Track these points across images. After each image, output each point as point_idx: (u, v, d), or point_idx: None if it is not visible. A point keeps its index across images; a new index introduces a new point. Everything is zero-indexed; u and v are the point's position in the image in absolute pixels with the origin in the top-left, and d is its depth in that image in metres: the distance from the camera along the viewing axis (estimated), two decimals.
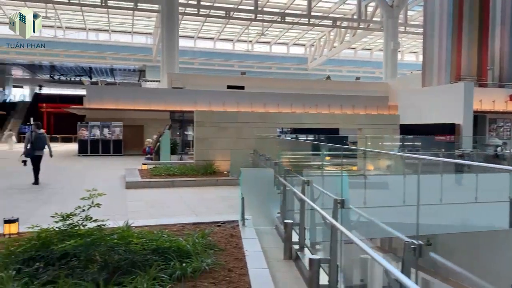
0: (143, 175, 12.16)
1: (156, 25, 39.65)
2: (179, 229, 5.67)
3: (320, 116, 15.98)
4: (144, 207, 8.42)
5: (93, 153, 23.26)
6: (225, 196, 9.78)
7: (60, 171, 15.19)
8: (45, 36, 42.20)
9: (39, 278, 3.47)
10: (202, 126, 13.32)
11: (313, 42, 48.46)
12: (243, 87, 27.12)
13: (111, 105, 24.02)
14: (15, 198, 9.29)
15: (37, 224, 4.64)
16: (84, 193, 9.83)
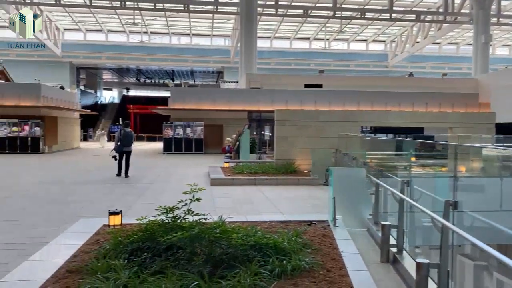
0: (226, 173, 12.43)
1: (234, 27, 40.54)
2: (270, 226, 5.66)
3: (406, 114, 15.21)
4: (230, 203, 8.57)
5: (176, 151, 24.34)
6: (308, 196, 9.66)
7: (149, 167, 16.06)
8: (132, 41, 45.05)
9: (147, 268, 3.62)
10: (283, 125, 13.30)
11: (394, 38, 46.48)
12: (321, 85, 26.75)
13: (193, 105, 24.95)
14: (113, 192, 9.94)
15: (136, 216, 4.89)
16: (173, 188, 10.24)
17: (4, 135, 23.55)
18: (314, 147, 12.89)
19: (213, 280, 3.38)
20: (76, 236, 5.15)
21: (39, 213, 7.42)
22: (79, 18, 41.84)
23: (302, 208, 8.16)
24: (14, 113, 23.78)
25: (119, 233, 4.57)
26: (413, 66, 46.64)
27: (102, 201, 8.72)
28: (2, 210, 7.67)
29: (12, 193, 9.54)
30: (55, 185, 11.07)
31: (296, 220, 6.09)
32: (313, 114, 13.70)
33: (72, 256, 4.31)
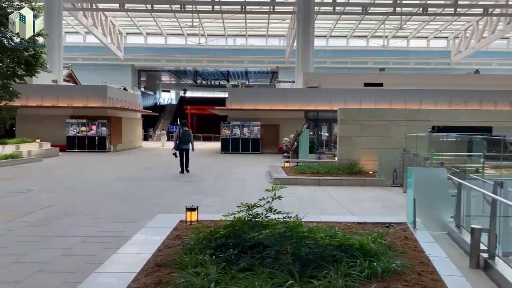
0: (288, 172, 12.36)
1: (290, 27, 40.45)
2: (346, 227, 5.51)
3: (477, 113, 14.35)
4: (297, 203, 8.48)
5: (233, 151, 24.64)
6: (376, 197, 9.38)
7: (210, 166, 16.35)
8: (190, 44, 46.23)
9: (234, 264, 3.63)
10: (346, 124, 13.02)
11: (457, 33, 44.30)
12: (381, 84, 25.99)
13: (250, 105, 25.13)
14: (181, 190, 10.18)
15: (207, 213, 4.93)
16: (236, 187, 10.31)
17: (73, 135, 24.95)
18: (379, 147, 12.50)
19: (303, 279, 3.32)
20: (157, 231, 5.29)
21: (115, 209, 7.73)
22: (140, 23, 43.59)
23: (373, 209, 7.91)
24: (82, 113, 25.14)
25: (202, 229, 4.63)
26: (478, 63, 44.20)
27: (171, 198, 8.96)
28: (81, 205, 8.08)
29: (87, 190, 10.04)
30: (125, 182, 11.54)
31: (373, 222, 5.89)
32: (377, 113, 13.29)
33: (157, 250, 4.42)
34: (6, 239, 5.61)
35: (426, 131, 12.58)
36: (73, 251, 5.11)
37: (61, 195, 9.12)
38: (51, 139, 22.48)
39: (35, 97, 24.53)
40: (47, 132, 24.10)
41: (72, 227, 6.27)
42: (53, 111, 24.91)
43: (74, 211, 7.46)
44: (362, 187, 10.79)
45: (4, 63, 17.37)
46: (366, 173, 12.17)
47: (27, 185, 10.54)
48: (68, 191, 9.70)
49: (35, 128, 24.08)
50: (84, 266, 4.54)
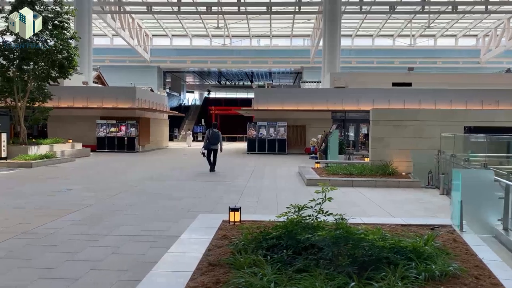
0: (319, 173, 12.31)
1: (315, 27, 40.27)
2: (391, 229, 5.45)
3: None
4: (334, 205, 8.38)
5: (260, 151, 24.69)
6: (413, 199, 9.24)
7: (239, 166, 16.42)
8: (215, 45, 46.54)
9: (288, 265, 3.64)
10: (379, 124, 12.89)
11: (487, 32, 43.21)
12: (410, 83, 25.59)
13: (276, 106, 25.13)
14: (215, 189, 10.27)
15: (245, 213, 4.96)
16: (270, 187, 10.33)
17: (103, 135, 25.47)
18: (412, 148, 12.35)
19: (362, 281, 3.31)
20: (202, 231, 5.36)
21: (155, 208, 7.86)
22: (166, 24, 44.17)
23: (413, 211, 7.80)
24: (112, 114, 25.64)
25: (252, 230, 4.67)
26: (509, 62, 43.04)
27: (208, 198, 9.04)
28: (121, 205, 8.25)
29: (125, 189, 10.24)
30: (160, 181, 11.72)
31: (417, 224, 5.81)
32: (410, 113, 13.11)
33: (207, 250, 4.47)
34: (56, 237, 5.78)
35: (462, 131, 12.35)
36: (122, 249, 5.23)
37: (100, 195, 9.32)
38: (81, 139, 23.04)
39: (67, 99, 25.18)
40: (77, 132, 24.69)
41: (116, 226, 6.41)
42: (84, 112, 25.51)
43: (115, 210, 7.62)
44: (396, 189, 10.65)
45: (39, 65, 17.86)
46: (400, 174, 12.01)
47: (67, 185, 10.83)
48: (106, 191, 9.91)
49: (66, 129, 24.70)
50: (135, 264, 4.65)
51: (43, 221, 6.64)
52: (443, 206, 8.42)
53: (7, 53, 17.41)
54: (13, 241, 5.53)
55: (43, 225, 6.43)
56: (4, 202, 8.43)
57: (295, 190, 10.45)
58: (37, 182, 11.37)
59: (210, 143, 14.27)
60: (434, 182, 10.87)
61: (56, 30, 17.74)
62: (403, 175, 11.89)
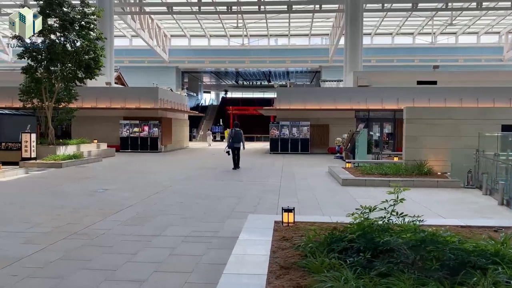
0: (353, 173, 12.11)
1: (334, 25, 39.95)
2: (453, 231, 5.27)
3: None
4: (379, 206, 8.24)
5: (282, 151, 24.53)
6: (457, 199, 9.01)
7: (266, 166, 16.29)
8: (233, 45, 46.52)
9: (369, 269, 3.50)
10: (413, 123, 12.64)
11: (510, 29, 42.34)
12: (435, 82, 25.17)
13: (299, 105, 24.95)
14: (251, 189, 10.14)
15: None
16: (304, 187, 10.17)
17: (126, 135, 25.60)
18: (447, 147, 12.09)
19: (454, 287, 3.15)
20: (258, 232, 5.24)
21: (198, 208, 7.79)
22: (184, 25, 44.30)
23: (462, 212, 7.58)
24: (134, 115, 25.76)
25: (319, 231, 4.55)
26: None
27: (246, 198, 8.92)
28: (162, 204, 8.19)
29: (160, 189, 10.20)
30: (193, 181, 11.65)
31: (477, 225, 5.61)
32: (445, 111, 12.83)
33: (272, 252, 4.35)
34: (108, 237, 5.74)
35: (498, 129, 12.01)
36: (179, 250, 5.14)
37: (138, 194, 9.30)
38: (105, 139, 23.19)
39: (90, 99, 25.36)
40: (101, 133, 24.86)
41: (165, 226, 6.35)
42: (107, 112, 25.68)
43: (159, 210, 7.57)
44: (435, 189, 10.41)
45: (66, 66, 18.01)
46: (436, 174, 11.74)
47: (101, 184, 10.84)
48: (143, 190, 9.89)
49: (89, 129, 24.89)
50: (197, 266, 4.55)
51: (91, 221, 6.61)
52: (491, 207, 8.18)
53: (35, 54, 17.59)
54: (67, 242, 5.50)
55: (92, 225, 6.40)
56: (47, 202, 8.46)
57: (332, 190, 10.28)
58: (72, 182, 11.42)
59: (234, 141, 14.94)
60: (474, 182, 10.59)
61: (83, 31, 17.88)
62: (440, 175, 11.63)
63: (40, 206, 8.00)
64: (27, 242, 5.48)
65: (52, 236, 5.73)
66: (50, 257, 4.83)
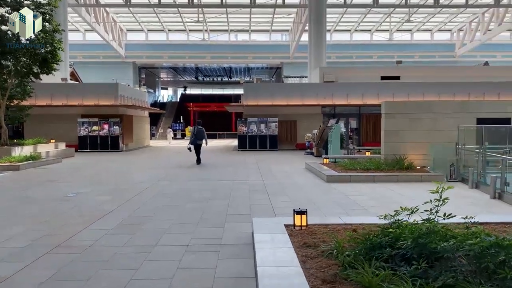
0: (335, 169, 11.86)
1: (295, 21, 39.88)
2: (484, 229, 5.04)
3: None
4: (372, 202, 7.99)
5: (251, 148, 24.07)
6: (448, 194, 8.91)
7: (240, 164, 15.78)
8: (193, 39, 45.44)
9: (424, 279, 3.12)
10: (392, 118, 12.55)
11: (461, 26, 44.11)
12: (398, 77, 25.61)
13: (266, 101, 24.56)
14: (239, 189, 9.62)
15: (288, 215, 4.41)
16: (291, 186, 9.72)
17: (85, 134, 24.20)
18: (426, 141, 12.12)
19: None
20: (272, 238, 4.76)
21: (188, 212, 7.18)
22: (142, 19, 42.74)
23: (463, 207, 7.39)
24: (93, 112, 24.39)
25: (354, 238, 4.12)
26: (482, 56, 44.14)
27: (236, 199, 8.38)
28: (147, 209, 7.51)
29: (138, 191, 9.44)
30: (169, 181, 10.93)
31: (495, 222, 5.43)
32: (426, 105, 12.82)
33: (301, 262, 3.89)
34: (99, 250, 5.04)
35: (474, 123, 12.18)
36: (186, 262, 4.55)
37: (116, 197, 8.53)
38: (61, 139, 21.73)
39: (44, 96, 23.73)
40: (57, 132, 23.30)
41: (159, 234, 5.71)
42: (63, 110, 24.17)
43: (145, 215, 6.89)
44: (420, 183, 10.33)
45: (21, 60, 16.60)
46: (416, 168, 11.72)
47: (71, 188, 9.92)
48: (120, 193, 9.11)
49: (44, 128, 23.26)
50: (217, 282, 3.99)
51: (73, 231, 5.86)
52: (485, 201, 8.16)
53: None
54: (53, 257, 4.76)
55: (75, 235, 5.66)
56: (15, 210, 7.54)
57: (319, 187, 9.94)
58: (37, 186, 10.39)
59: (197, 138, 15.70)
60: (456, 175, 10.62)
61: None
62: (421, 169, 11.62)
63: (7, 215, 7.09)
64: (3, 259, 4.70)
65: (32, 251, 4.96)
66: (39, 277, 4.10)
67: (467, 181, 10.21)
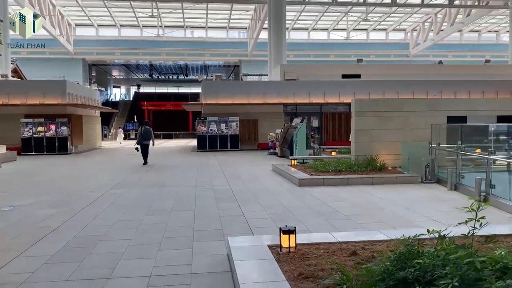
0: (306, 172, 11.11)
1: (253, 18, 39.12)
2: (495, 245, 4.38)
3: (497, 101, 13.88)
4: (356, 209, 7.27)
5: (211, 149, 23.01)
6: (432, 197, 8.38)
7: (202, 167, 14.74)
8: (147, 35, 43.56)
9: None
10: (362, 116, 12.00)
11: (415, 26, 45.11)
12: (359, 75, 25.43)
13: (226, 100, 23.61)
14: (203, 197, 8.64)
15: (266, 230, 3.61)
16: (261, 192, 8.85)
17: (29, 136, 22.21)
18: (398, 140, 11.67)
19: None
20: (256, 266, 3.87)
21: (145, 228, 6.13)
22: (92, 13, 40.44)
23: (453, 214, 6.82)
24: (38, 112, 22.43)
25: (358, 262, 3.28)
26: (434, 55, 45.40)
27: (203, 209, 7.40)
28: (99, 225, 6.38)
29: (89, 201, 8.23)
30: (123, 188, 9.75)
31: (504, 234, 4.81)
32: (397, 103, 12.35)
33: None
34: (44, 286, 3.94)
35: (445, 121, 11.86)
36: None
37: (63, 210, 7.31)
38: (1, 141, 19.70)
39: None
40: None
41: (114, 260, 4.66)
42: (4, 109, 22.04)
43: (97, 234, 5.78)
44: (396, 185, 9.79)
45: None
46: (389, 169, 11.21)
47: (7, 199, 8.54)
48: (68, 204, 7.88)
49: None
50: None
51: (2, 260, 4.68)
52: None
53: None
54: None
55: (4, 266, 4.50)
56: None
57: (292, 192, 9.12)
58: None
59: (144, 138, 15.51)
60: (432, 176, 10.17)
61: None
62: (394, 170, 11.12)
63: None
64: None
65: None
66: None
67: (442, 182, 9.79)
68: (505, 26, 46.34)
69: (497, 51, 45.08)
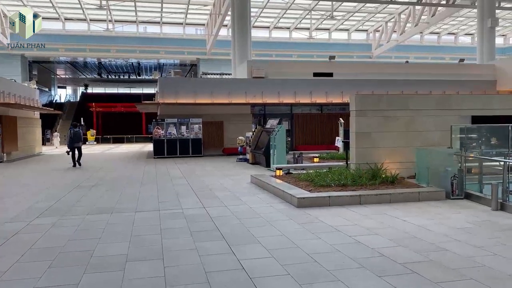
0: (301, 186, 8.71)
1: (212, 13, 36.46)
2: None
3: None
4: (408, 253, 4.93)
5: (170, 155, 20.23)
6: (483, 223, 6.23)
7: (165, 179, 12.00)
8: (96, 30, 39.78)
9: None
10: (364, 116, 9.80)
11: (377, 27, 44.27)
12: (331, 74, 23.51)
13: (187, 99, 20.91)
14: (170, 229, 6.01)
15: None
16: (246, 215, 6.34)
17: None
18: (402, 146, 9.64)
19: None
20: None
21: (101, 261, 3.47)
22: (31, 3, 36.13)
23: None
24: None
25: None
26: (397, 56, 44.92)
27: (174, 260, 4.79)
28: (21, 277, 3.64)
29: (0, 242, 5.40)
30: (57, 217, 6.90)
31: None
32: (402, 100, 10.22)
33: None
34: None
35: (458, 122, 9.92)
36: None
37: None
38: None
39: None
40: None
41: None
42: None
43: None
44: (420, 204, 7.63)
45: None
46: (403, 180, 9.07)
47: None
48: None
49: None
50: None
51: None
52: None
53: None
54: None
55: None
56: None
57: (295, 218, 6.66)
58: None
59: (74, 141, 15.53)
60: (460, 191, 8.11)
61: None
62: (408, 182, 8.99)
63: None
64: None
65: None
66: None
67: (473, 198, 7.79)
68: (464, 29, 46.71)
69: (456, 53, 45.23)
